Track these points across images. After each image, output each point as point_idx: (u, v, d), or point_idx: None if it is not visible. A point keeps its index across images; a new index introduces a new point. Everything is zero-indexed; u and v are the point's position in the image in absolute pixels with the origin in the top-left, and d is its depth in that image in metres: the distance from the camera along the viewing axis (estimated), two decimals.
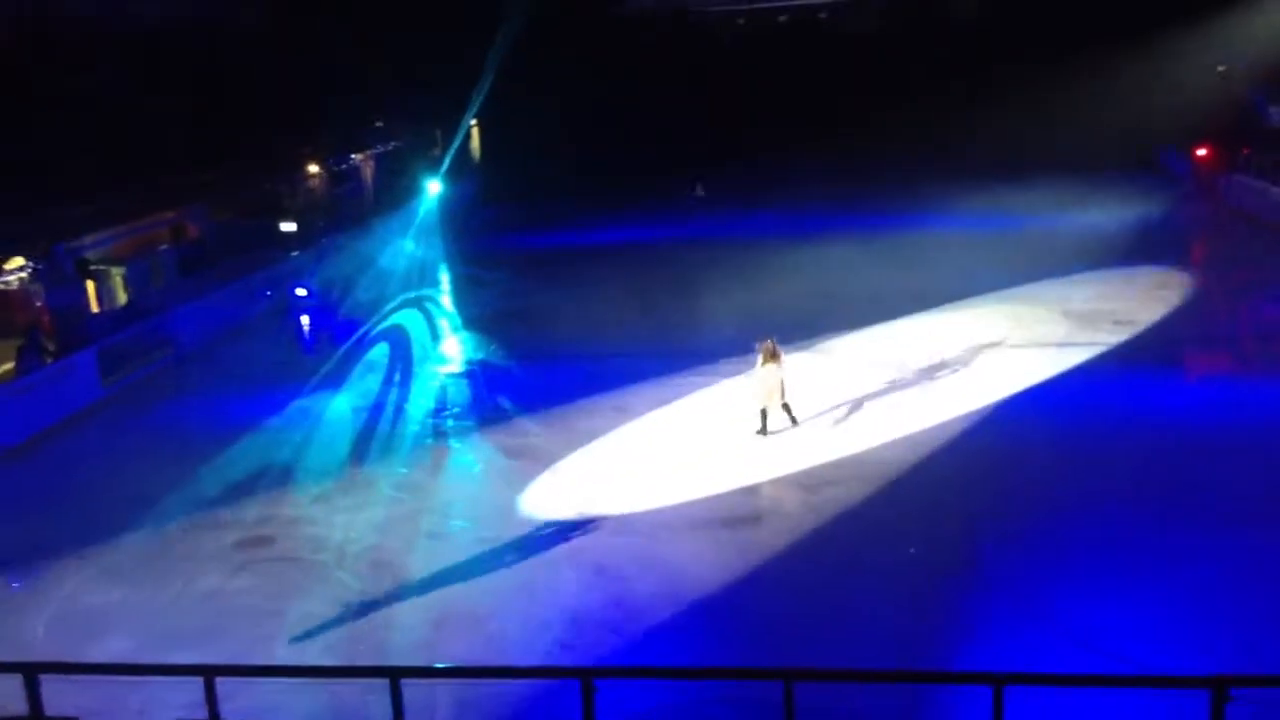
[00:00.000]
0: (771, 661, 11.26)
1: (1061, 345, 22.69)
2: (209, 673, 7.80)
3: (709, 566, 14.16)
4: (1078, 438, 17.76)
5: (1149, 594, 12.81)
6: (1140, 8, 39.58)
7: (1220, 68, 40.69)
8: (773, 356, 18.29)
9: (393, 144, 42.20)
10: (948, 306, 25.92)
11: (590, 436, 19.04)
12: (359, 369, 24.13)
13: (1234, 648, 11.55)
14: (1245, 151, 36.50)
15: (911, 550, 14.22)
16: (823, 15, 38.74)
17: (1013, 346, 22.80)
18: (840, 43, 40.61)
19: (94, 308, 25.73)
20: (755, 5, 37.19)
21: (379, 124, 41.40)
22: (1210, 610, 12.40)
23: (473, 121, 44.15)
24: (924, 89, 42.81)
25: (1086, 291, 26.60)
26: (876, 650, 11.94)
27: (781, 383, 18.40)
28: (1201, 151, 38.00)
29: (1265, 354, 21.57)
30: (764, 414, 18.42)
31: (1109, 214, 35.09)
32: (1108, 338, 23.04)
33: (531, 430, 19.64)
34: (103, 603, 14.10)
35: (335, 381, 23.22)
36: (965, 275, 28.15)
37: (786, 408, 18.58)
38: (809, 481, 16.73)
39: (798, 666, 7.81)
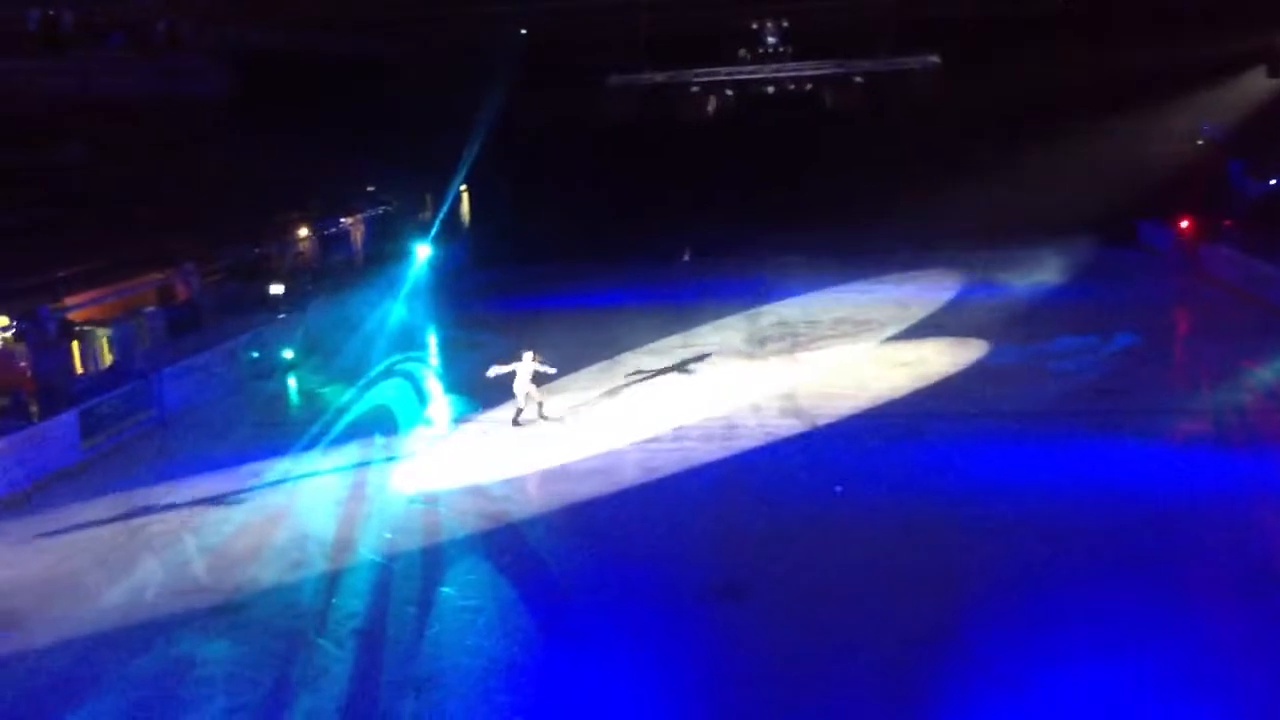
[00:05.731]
0: None
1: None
2: None
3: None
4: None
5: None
6: (1119, 82, 39.89)
7: (1200, 140, 41.04)
8: (525, 362, 22.67)
9: (383, 208, 42.39)
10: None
11: (565, 498, 19.19)
12: (344, 431, 24.00)
13: None
14: (1227, 224, 36.62)
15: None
16: (808, 88, 39.27)
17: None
18: (823, 115, 41.06)
19: (78, 369, 25.57)
20: (738, 76, 37.61)
21: (370, 188, 41.63)
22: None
23: (463, 186, 44.39)
24: (906, 164, 42.97)
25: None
26: None
27: (530, 384, 22.82)
28: (1184, 224, 38.09)
29: (1246, 425, 21.59)
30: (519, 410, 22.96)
31: (1106, 286, 35.47)
32: (1089, 406, 23.14)
33: (515, 495, 19.60)
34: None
35: (319, 445, 23.10)
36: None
37: (521, 408, 23.01)
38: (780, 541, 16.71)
39: None
